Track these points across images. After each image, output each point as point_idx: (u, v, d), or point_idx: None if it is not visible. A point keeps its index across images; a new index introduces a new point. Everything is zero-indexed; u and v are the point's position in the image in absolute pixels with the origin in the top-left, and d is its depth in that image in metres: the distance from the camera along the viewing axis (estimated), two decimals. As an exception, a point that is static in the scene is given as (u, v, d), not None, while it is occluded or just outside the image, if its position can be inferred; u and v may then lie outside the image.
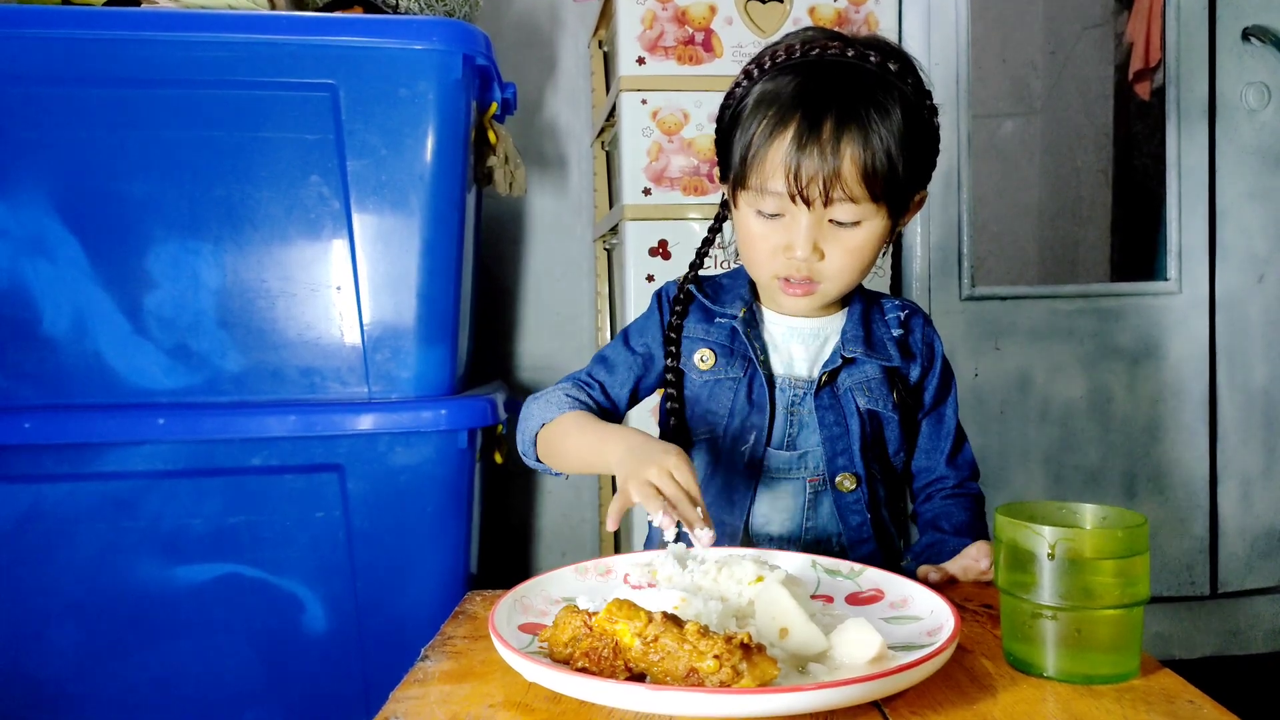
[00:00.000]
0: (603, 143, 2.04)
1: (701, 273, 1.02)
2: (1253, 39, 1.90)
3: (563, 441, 0.91)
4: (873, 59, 0.86)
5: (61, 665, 1.35)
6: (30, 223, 1.33)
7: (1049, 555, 0.61)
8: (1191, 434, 1.92)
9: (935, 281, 1.86)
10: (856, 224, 0.87)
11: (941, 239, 1.85)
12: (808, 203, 0.85)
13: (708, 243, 1.03)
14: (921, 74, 0.90)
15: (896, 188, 0.86)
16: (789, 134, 0.84)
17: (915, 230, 1.84)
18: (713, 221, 1.04)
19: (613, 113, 1.80)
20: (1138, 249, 2.26)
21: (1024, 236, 2.77)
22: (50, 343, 1.35)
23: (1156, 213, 1.97)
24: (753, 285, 0.99)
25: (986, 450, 1.88)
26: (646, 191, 1.68)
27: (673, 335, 0.97)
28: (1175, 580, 1.92)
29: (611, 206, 1.95)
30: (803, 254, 0.87)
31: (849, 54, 0.87)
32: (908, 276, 1.85)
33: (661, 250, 1.68)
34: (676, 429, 0.96)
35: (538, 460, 0.95)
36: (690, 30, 1.69)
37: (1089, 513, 0.68)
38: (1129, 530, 0.62)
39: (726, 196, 0.98)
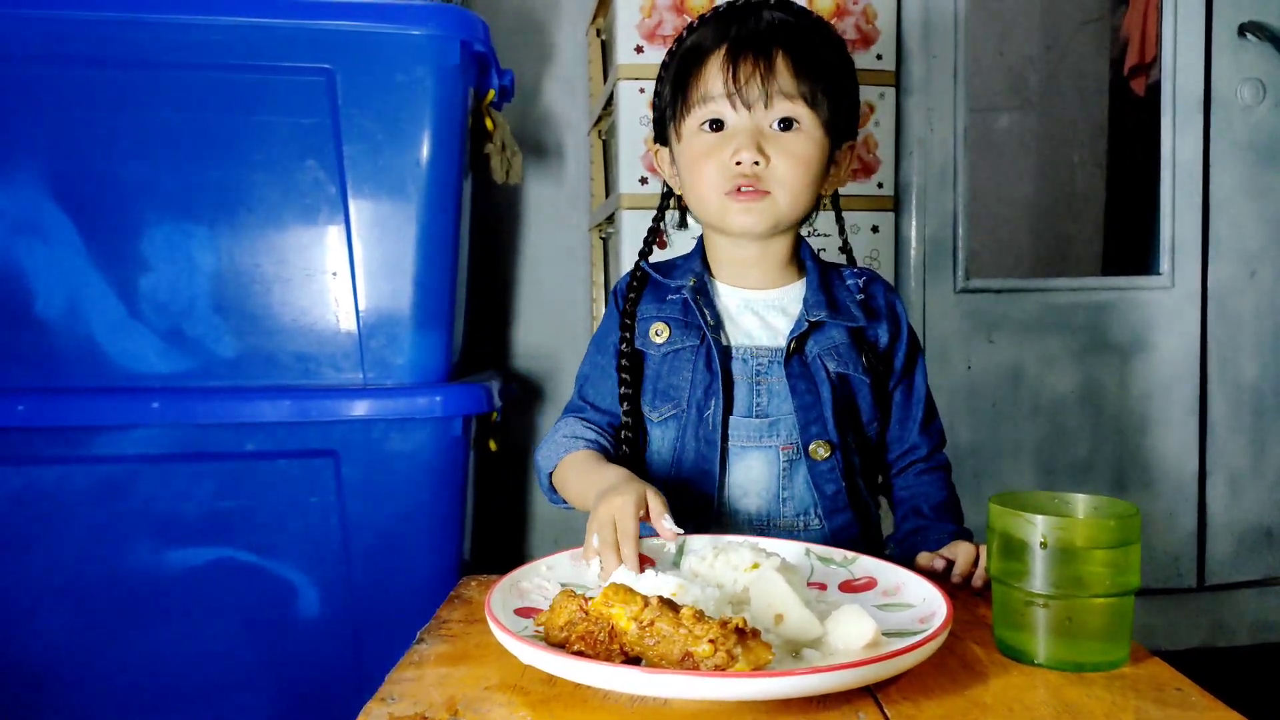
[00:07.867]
0: (600, 131, 2.04)
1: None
2: (1249, 35, 1.90)
3: (566, 490, 0.94)
4: (793, 5, 0.96)
5: (53, 649, 1.35)
6: (24, 205, 1.33)
7: (1041, 544, 0.62)
8: (1181, 428, 1.93)
9: (930, 274, 1.86)
10: (797, 127, 0.91)
11: (936, 232, 1.86)
12: (748, 106, 0.90)
13: (653, 231, 1.06)
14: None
15: (829, 95, 0.92)
16: (724, 47, 0.91)
17: (910, 223, 1.84)
18: (655, 211, 1.07)
19: (610, 101, 1.80)
20: (1131, 243, 2.27)
21: (1018, 230, 2.77)
22: (44, 325, 1.34)
23: (1150, 207, 1.98)
24: (704, 259, 1.01)
25: (978, 442, 1.89)
26: (643, 180, 1.68)
27: (627, 321, 0.98)
28: (1162, 572, 1.94)
29: (608, 195, 1.95)
30: (749, 154, 0.90)
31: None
32: (903, 269, 1.86)
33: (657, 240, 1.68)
34: (631, 412, 0.97)
35: (564, 503, 0.98)
36: (689, 19, 1.68)
37: (1081, 502, 0.69)
38: (1121, 520, 0.63)
39: (670, 159, 1.01)
